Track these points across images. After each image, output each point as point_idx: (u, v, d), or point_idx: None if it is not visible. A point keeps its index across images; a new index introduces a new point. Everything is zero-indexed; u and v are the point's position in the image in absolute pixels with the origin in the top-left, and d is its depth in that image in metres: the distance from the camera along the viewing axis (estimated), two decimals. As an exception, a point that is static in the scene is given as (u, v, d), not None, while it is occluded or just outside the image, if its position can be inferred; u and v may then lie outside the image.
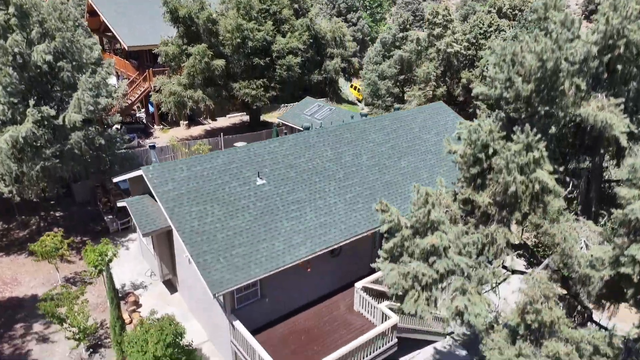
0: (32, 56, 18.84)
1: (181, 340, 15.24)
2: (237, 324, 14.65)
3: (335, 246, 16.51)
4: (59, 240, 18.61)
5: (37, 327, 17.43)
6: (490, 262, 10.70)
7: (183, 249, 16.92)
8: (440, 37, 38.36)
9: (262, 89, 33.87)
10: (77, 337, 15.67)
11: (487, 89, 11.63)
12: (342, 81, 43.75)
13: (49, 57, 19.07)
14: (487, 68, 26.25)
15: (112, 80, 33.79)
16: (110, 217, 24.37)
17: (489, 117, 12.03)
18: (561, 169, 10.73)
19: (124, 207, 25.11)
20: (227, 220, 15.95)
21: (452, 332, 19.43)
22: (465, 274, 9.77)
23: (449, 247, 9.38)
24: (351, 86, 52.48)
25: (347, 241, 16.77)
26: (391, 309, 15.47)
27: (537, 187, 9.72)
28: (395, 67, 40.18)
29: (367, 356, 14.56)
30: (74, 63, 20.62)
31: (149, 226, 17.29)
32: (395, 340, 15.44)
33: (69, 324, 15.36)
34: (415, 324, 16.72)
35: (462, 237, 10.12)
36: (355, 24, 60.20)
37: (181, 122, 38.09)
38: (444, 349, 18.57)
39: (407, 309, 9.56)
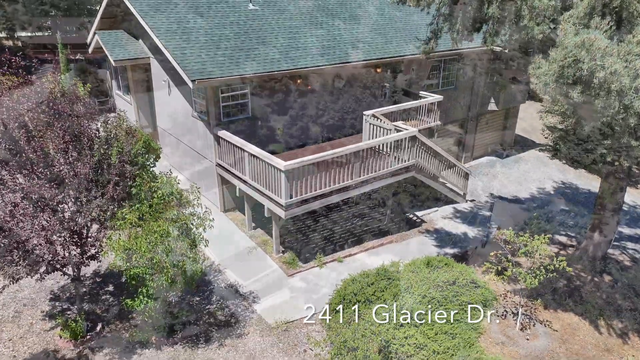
0: None
1: (155, 160, 12.76)
2: (222, 132, 12.13)
3: (341, 65, 13.95)
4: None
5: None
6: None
7: (161, 76, 14.46)
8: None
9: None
10: None
11: None
12: None
13: None
14: None
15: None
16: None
17: None
18: None
19: (103, 91, 22.73)
20: (213, 29, 13.41)
21: (474, 200, 16.97)
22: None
23: None
24: None
25: (355, 63, 14.22)
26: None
27: None
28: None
29: (377, 169, 12.06)
30: None
31: (122, 54, 14.78)
32: (413, 161, 12.91)
33: None
34: (433, 166, 14.21)
35: None
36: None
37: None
38: (464, 209, 16.09)
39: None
